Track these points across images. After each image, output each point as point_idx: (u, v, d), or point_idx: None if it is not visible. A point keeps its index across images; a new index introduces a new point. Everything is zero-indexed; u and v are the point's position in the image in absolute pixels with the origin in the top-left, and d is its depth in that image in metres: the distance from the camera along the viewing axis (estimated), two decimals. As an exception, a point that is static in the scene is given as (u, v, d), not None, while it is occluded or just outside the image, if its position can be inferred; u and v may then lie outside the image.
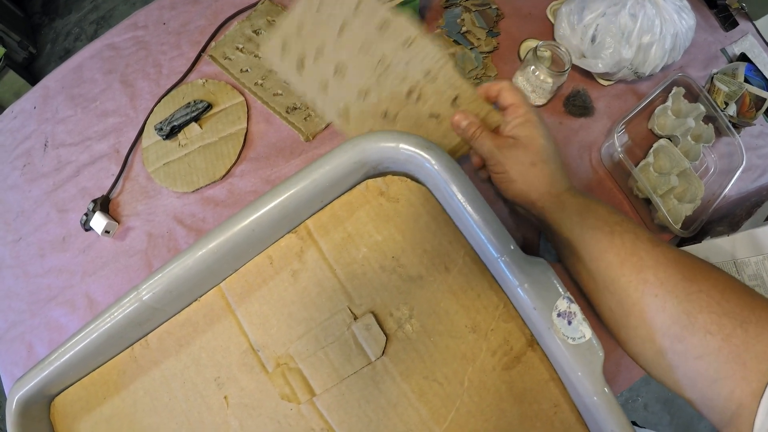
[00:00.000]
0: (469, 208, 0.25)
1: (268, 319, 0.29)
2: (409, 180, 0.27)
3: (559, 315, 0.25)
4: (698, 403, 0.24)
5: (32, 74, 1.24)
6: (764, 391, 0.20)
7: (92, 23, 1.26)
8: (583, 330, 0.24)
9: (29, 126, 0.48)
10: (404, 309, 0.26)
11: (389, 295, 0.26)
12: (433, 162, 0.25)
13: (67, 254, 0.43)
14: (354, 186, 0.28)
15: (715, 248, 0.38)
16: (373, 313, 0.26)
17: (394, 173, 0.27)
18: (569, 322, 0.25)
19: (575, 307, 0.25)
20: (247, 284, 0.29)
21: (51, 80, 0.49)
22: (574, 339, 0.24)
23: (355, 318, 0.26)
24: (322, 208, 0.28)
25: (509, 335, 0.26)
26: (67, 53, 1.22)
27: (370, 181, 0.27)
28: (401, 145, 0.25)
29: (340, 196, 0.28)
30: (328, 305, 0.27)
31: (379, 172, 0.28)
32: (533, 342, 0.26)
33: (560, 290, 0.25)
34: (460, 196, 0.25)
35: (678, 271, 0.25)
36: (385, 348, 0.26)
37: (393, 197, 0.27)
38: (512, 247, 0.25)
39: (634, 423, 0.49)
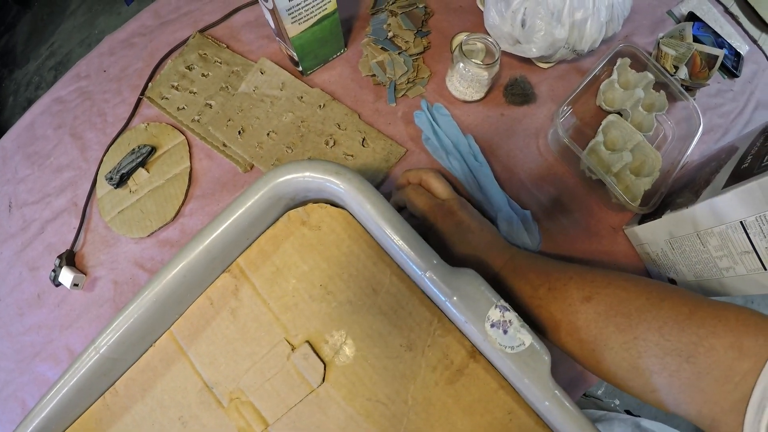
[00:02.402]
0: (386, 228, 0.24)
1: (216, 357, 0.29)
2: (329, 206, 0.27)
3: (492, 325, 0.24)
4: (679, 415, 0.24)
5: (-3, 128, 1.26)
6: (744, 410, 0.20)
7: (51, 69, 1.27)
8: (521, 337, 0.24)
9: (-7, 189, 0.49)
10: (337, 335, 0.26)
11: (321, 323, 0.26)
12: (342, 186, 0.24)
13: (43, 310, 0.44)
14: (277, 219, 0.28)
15: (676, 222, 0.37)
16: (308, 342, 0.26)
17: (315, 201, 0.27)
18: (505, 332, 0.24)
19: (510, 315, 0.24)
20: (193, 326, 0.30)
21: (7, 141, 0.50)
22: (512, 348, 0.24)
23: (293, 348, 0.26)
24: (250, 245, 0.28)
25: (447, 349, 0.26)
26: (30, 103, 1.24)
27: (291, 212, 0.27)
28: (308, 174, 0.25)
29: (265, 231, 0.28)
30: (266, 339, 0.27)
31: (299, 202, 0.28)
32: (475, 353, 0.26)
33: (492, 299, 0.25)
34: (375, 217, 0.24)
35: (610, 323, 0.25)
36: (324, 375, 0.26)
37: (315, 225, 0.27)
38: (435, 262, 0.24)
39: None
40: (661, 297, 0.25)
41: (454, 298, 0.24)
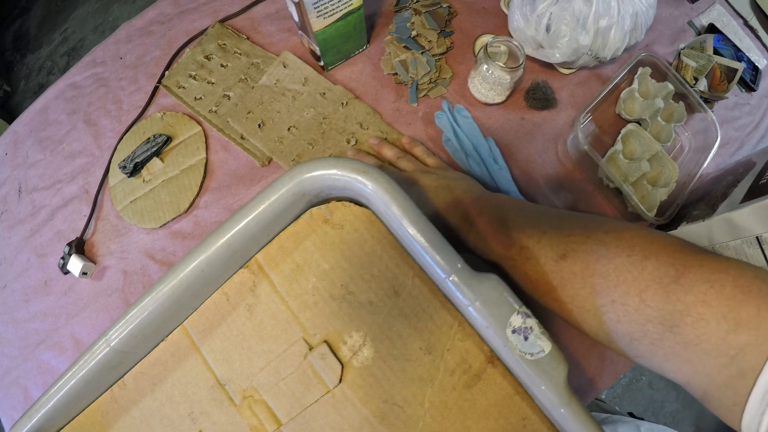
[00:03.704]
0: (411, 230, 0.24)
1: (230, 354, 0.29)
2: (352, 205, 0.27)
3: (514, 331, 0.24)
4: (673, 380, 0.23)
5: (9, 112, 1.24)
6: (746, 392, 0.17)
7: (63, 55, 1.26)
8: (541, 344, 0.24)
9: (3, 173, 0.49)
10: (357, 336, 0.26)
11: (341, 323, 0.26)
12: (370, 185, 0.24)
13: (50, 298, 0.44)
14: (299, 216, 0.27)
15: (691, 234, 0.37)
16: (326, 342, 0.26)
17: (338, 199, 0.27)
18: (525, 338, 0.24)
19: (532, 322, 0.24)
20: (207, 321, 0.30)
21: (19, 125, 0.49)
22: (532, 354, 0.24)
23: (311, 348, 0.26)
24: (270, 241, 0.28)
25: (466, 354, 0.26)
26: (42, 88, 1.23)
27: (314, 209, 0.27)
28: (336, 172, 0.24)
29: (286, 227, 0.28)
30: (284, 337, 0.27)
31: (322, 200, 0.27)
32: (493, 358, 0.26)
33: (514, 306, 0.24)
34: (401, 218, 0.24)
35: (586, 284, 0.23)
36: (341, 375, 0.26)
37: (337, 224, 0.27)
38: (459, 266, 0.24)
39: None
40: (645, 254, 0.22)
41: (477, 303, 0.24)
